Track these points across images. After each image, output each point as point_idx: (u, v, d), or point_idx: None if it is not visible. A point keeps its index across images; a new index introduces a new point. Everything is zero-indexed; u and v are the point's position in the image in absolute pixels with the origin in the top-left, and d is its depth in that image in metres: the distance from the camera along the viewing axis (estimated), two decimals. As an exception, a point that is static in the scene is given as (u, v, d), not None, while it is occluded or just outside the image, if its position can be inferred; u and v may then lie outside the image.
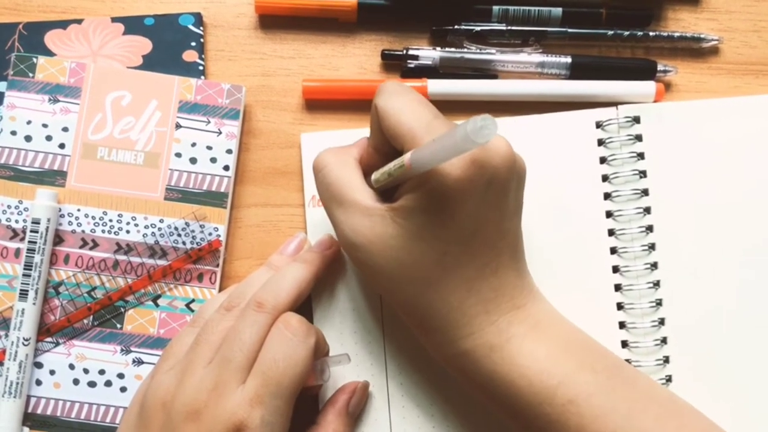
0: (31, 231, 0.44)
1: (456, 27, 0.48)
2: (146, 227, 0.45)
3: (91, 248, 0.45)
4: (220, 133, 0.46)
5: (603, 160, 0.46)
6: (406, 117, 0.36)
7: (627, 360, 0.44)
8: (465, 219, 0.35)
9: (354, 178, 0.38)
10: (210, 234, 0.45)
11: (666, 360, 0.44)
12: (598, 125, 0.46)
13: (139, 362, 0.45)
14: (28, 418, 0.44)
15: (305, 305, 0.43)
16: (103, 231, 0.45)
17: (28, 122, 0.45)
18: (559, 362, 0.36)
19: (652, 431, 0.35)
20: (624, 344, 0.45)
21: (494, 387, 0.37)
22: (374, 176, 0.38)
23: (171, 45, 0.47)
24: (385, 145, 0.38)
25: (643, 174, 0.46)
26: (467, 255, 0.36)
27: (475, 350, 0.37)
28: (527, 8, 0.48)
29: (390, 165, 0.35)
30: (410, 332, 0.44)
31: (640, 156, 0.46)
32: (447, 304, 0.36)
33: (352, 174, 0.39)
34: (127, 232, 0.45)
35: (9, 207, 0.45)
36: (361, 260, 0.37)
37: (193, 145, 0.46)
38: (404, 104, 0.36)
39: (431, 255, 0.35)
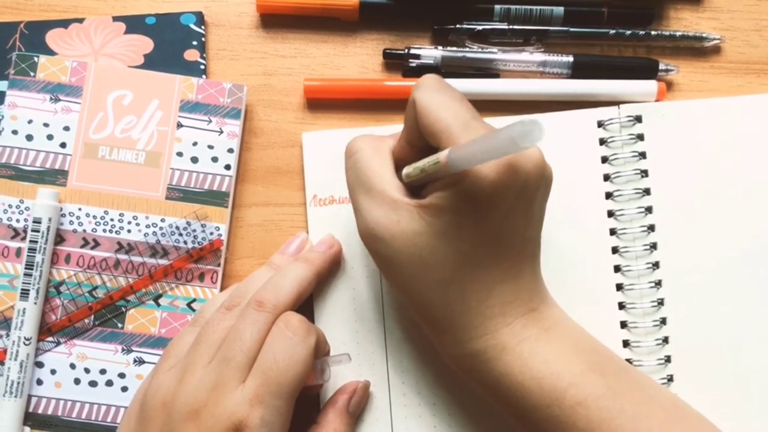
0: (33, 230, 0.44)
1: (458, 26, 0.48)
2: (147, 226, 0.45)
3: (92, 248, 0.45)
4: (222, 132, 0.46)
5: (605, 160, 0.46)
6: (444, 114, 0.35)
7: (628, 360, 0.44)
8: (493, 223, 0.35)
9: (385, 168, 0.38)
10: (211, 233, 0.45)
11: (667, 359, 0.44)
12: (600, 124, 0.46)
13: (140, 362, 0.45)
14: (29, 418, 0.44)
15: (306, 305, 0.43)
16: (104, 230, 0.45)
17: (30, 121, 0.45)
18: (569, 364, 0.36)
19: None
20: (625, 344, 0.44)
21: (504, 388, 0.36)
22: (405, 170, 0.37)
23: (172, 44, 0.47)
24: (419, 140, 0.37)
25: (644, 173, 0.46)
26: (491, 258, 0.35)
27: (487, 351, 0.36)
28: (529, 7, 0.47)
29: (424, 161, 0.35)
30: (412, 331, 0.44)
31: (642, 155, 0.46)
32: (465, 305, 0.36)
33: (384, 164, 0.38)
34: (129, 231, 0.45)
35: (10, 206, 0.45)
36: (381, 253, 0.37)
37: (195, 144, 0.46)
38: (443, 101, 0.36)
39: (455, 256, 0.35)
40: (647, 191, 0.45)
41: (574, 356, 0.36)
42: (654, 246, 0.45)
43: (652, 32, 0.48)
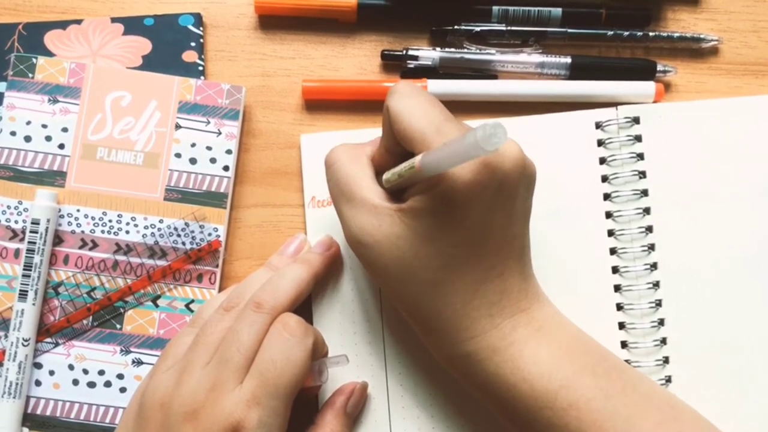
0: (31, 231, 0.44)
1: (456, 27, 0.48)
2: (146, 228, 0.45)
3: (90, 249, 0.45)
4: (220, 133, 0.46)
5: (602, 161, 0.46)
6: (416, 119, 0.35)
7: (626, 360, 0.44)
8: (473, 223, 0.35)
9: (364, 175, 0.38)
10: (209, 234, 0.45)
11: (665, 360, 0.44)
12: (598, 126, 0.46)
13: (138, 363, 0.45)
14: (27, 419, 0.44)
15: (305, 306, 0.43)
16: (102, 231, 0.45)
17: (28, 123, 0.45)
18: (560, 366, 0.36)
19: None
20: (623, 345, 0.44)
21: (495, 390, 0.37)
22: (385, 176, 0.38)
23: (171, 45, 0.47)
24: (396, 146, 0.37)
25: (642, 174, 0.46)
26: (473, 258, 0.36)
27: (478, 353, 0.36)
28: (527, 8, 0.48)
29: (401, 166, 0.35)
30: (410, 332, 0.44)
31: (640, 156, 0.46)
32: (450, 306, 0.36)
33: (363, 171, 0.38)
34: (127, 232, 0.45)
35: (8, 207, 0.45)
36: (367, 258, 0.37)
37: (193, 145, 0.46)
38: (415, 106, 0.36)
39: (437, 257, 0.35)
40: (645, 192, 0.45)
41: (566, 357, 0.36)
42: (652, 247, 0.45)
43: (650, 33, 0.48)
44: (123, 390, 0.44)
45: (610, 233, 0.45)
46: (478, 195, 0.34)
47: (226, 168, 0.46)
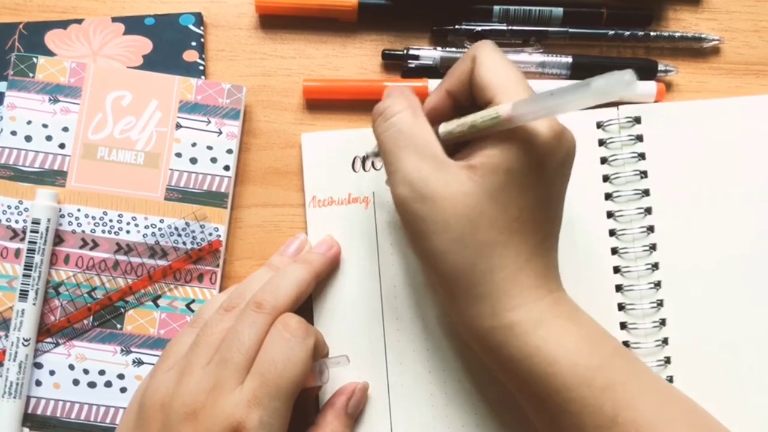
0: (31, 231, 0.44)
1: (456, 27, 0.48)
2: (146, 227, 0.45)
3: (91, 248, 0.45)
4: (221, 133, 0.46)
5: (604, 161, 0.46)
6: (504, 69, 0.36)
7: (628, 361, 0.44)
8: (543, 185, 0.35)
9: (428, 128, 0.37)
10: (210, 234, 0.45)
11: (667, 360, 0.44)
12: (599, 125, 0.46)
13: (139, 363, 0.44)
14: (27, 419, 0.44)
15: (305, 306, 0.43)
16: (103, 231, 0.45)
17: (29, 122, 0.45)
18: (599, 345, 0.36)
19: (680, 421, 0.35)
20: (625, 345, 0.44)
21: (533, 365, 0.35)
22: (446, 127, 0.37)
23: (171, 45, 0.47)
24: (463, 95, 0.38)
25: (644, 174, 0.46)
26: (534, 225, 0.36)
27: (522, 324, 0.35)
28: (528, 8, 0.47)
29: (476, 115, 0.35)
30: (411, 332, 0.44)
31: (641, 156, 0.46)
32: (504, 270, 0.35)
33: (426, 124, 0.38)
34: (128, 232, 0.45)
35: (9, 207, 0.45)
36: (423, 214, 0.36)
37: (194, 145, 0.46)
38: (504, 59, 0.37)
39: (503, 218, 0.35)
40: (646, 192, 0.45)
41: (602, 338, 0.36)
42: (653, 247, 0.45)
43: (651, 33, 0.48)
44: (123, 390, 0.44)
45: (612, 233, 0.45)
46: (550, 157, 0.35)
47: (226, 168, 0.46)
